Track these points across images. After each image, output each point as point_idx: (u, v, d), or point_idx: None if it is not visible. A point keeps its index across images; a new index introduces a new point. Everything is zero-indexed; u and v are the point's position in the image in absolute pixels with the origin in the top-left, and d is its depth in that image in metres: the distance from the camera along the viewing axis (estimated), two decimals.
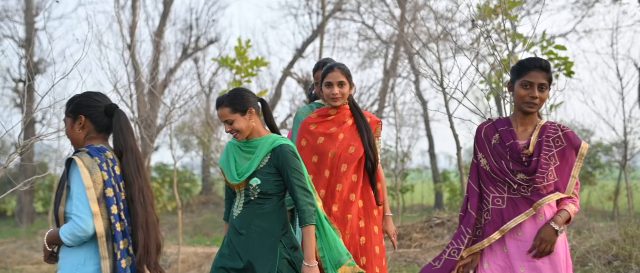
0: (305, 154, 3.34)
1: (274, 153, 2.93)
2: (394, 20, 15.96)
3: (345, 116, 3.41)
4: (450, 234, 7.10)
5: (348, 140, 3.35)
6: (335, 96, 3.33)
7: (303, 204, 2.86)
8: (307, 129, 3.41)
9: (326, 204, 3.27)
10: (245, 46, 7.22)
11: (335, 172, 3.29)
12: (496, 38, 6.65)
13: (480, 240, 2.85)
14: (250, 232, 2.93)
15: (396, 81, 16.88)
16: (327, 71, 3.33)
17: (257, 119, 2.99)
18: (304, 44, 17.52)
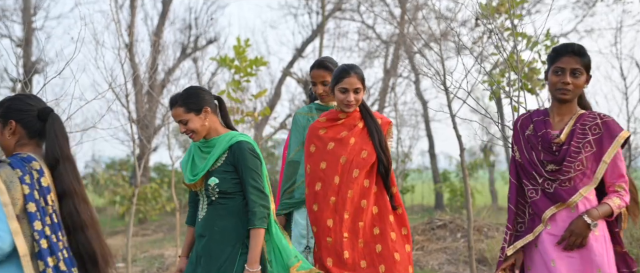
0: (314, 160, 3.21)
1: (231, 150, 2.84)
2: (394, 20, 15.87)
3: (355, 119, 3.25)
4: (452, 236, 7.00)
5: (359, 144, 3.19)
6: (349, 103, 3.16)
7: (254, 205, 2.77)
8: (316, 134, 3.25)
9: (337, 212, 3.11)
10: (244, 45, 7.10)
11: (346, 178, 3.13)
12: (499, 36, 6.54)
13: (523, 235, 2.76)
14: (213, 233, 2.83)
15: (396, 81, 16.79)
16: (343, 75, 3.13)
17: (214, 117, 2.90)
18: (303, 44, 17.42)
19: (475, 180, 18.74)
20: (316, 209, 3.15)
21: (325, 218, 3.11)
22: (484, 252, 5.97)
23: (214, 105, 2.93)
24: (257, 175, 2.81)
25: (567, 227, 2.63)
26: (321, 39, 16.72)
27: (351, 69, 3.16)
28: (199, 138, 2.88)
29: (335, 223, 3.10)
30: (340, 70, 3.17)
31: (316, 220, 3.15)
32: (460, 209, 13.61)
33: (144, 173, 16.53)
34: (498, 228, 7.24)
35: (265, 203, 2.80)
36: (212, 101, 2.91)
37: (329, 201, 3.11)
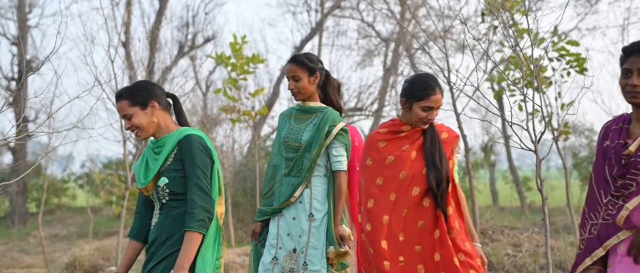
0: (369, 175, 2.94)
1: (179, 145, 2.60)
2: (393, 18, 15.69)
3: (418, 131, 2.96)
4: None
5: (421, 159, 2.90)
6: (430, 121, 2.90)
7: (194, 206, 2.49)
8: (375, 147, 2.97)
9: (391, 232, 2.83)
10: (241, 42, 6.90)
11: (403, 195, 2.85)
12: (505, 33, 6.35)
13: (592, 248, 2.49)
14: (162, 239, 2.59)
15: (397, 79, 16.61)
16: (429, 92, 2.84)
17: (165, 114, 2.68)
18: (302, 42, 17.21)
19: (475, 180, 18.52)
20: (370, 229, 2.88)
21: (379, 239, 2.83)
22: (489, 256, 5.75)
23: (166, 102, 2.71)
24: (203, 173, 2.56)
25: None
26: (320, 37, 16.55)
27: (437, 84, 2.88)
28: (145, 136, 2.66)
29: (390, 246, 2.82)
30: (425, 86, 2.86)
31: (370, 241, 2.86)
32: None
33: None
34: (503, 230, 7.03)
35: (207, 205, 2.53)
36: (162, 96, 2.69)
37: (381, 220, 2.84)
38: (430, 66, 5.10)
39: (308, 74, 3.20)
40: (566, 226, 7.91)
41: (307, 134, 3.20)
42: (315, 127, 3.19)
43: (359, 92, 17.17)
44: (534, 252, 5.98)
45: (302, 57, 3.24)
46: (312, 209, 3.17)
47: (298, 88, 3.21)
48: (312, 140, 3.18)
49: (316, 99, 3.30)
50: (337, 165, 3.19)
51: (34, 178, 17.23)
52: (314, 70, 3.21)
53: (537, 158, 3.53)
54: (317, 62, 3.26)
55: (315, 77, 3.22)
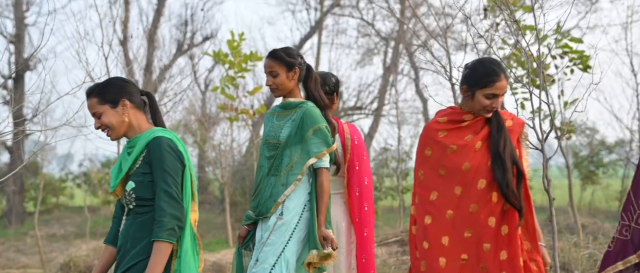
0: (430, 166, 2.74)
1: (148, 147, 2.42)
2: (393, 16, 15.60)
3: (482, 120, 2.75)
4: None
5: (486, 150, 2.69)
6: (493, 110, 2.67)
7: (162, 214, 2.32)
8: (433, 137, 2.77)
9: (455, 228, 2.64)
10: (239, 39, 6.79)
11: (469, 190, 2.64)
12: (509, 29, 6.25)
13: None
14: (127, 246, 2.43)
15: (397, 78, 16.52)
16: (494, 78, 2.63)
17: (137, 113, 2.52)
18: (301, 40, 17.13)
19: None
20: (429, 222, 2.69)
21: (439, 234, 2.65)
22: None
23: (140, 100, 2.55)
24: (172, 178, 2.37)
25: None
26: (319, 36, 16.47)
27: (501, 70, 2.66)
28: (116, 137, 2.51)
29: (452, 242, 2.64)
30: (489, 71, 2.64)
31: (428, 235, 2.67)
32: None
33: None
34: None
35: (176, 212, 2.35)
36: (135, 94, 2.53)
37: (445, 215, 2.65)
38: (432, 62, 4.99)
39: (286, 70, 3.03)
40: (569, 226, 7.79)
41: (286, 130, 3.05)
42: (293, 123, 3.04)
43: (358, 91, 17.10)
44: None
45: (279, 51, 3.07)
46: (284, 207, 2.99)
47: (276, 84, 3.04)
48: (290, 137, 3.03)
49: (297, 95, 3.14)
50: (319, 163, 3.00)
51: (31, 177, 17.12)
52: (292, 65, 3.04)
53: (544, 158, 3.39)
54: (296, 56, 3.09)
55: (294, 72, 3.05)
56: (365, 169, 3.32)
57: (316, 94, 3.14)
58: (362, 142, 3.37)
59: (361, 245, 3.25)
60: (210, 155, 11.93)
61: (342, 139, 3.30)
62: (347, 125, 3.37)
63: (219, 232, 11.24)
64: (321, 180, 3.00)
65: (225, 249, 7.85)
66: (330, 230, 2.98)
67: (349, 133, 3.33)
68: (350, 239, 3.28)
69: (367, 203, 3.28)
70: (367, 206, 3.28)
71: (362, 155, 3.33)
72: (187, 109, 16.13)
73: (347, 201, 3.29)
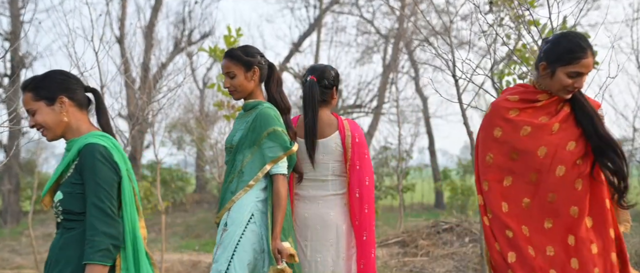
0: (499, 148, 2.46)
1: (80, 154, 2.14)
2: (393, 14, 15.47)
3: (559, 100, 2.48)
4: (459, 241, 6.51)
5: (565, 132, 2.44)
6: (575, 89, 2.40)
7: (94, 233, 2.04)
8: (503, 116, 2.48)
9: (533, 218, 2.40)
10: (236, 35, 6.61)
11: (546, 177, 2.39)
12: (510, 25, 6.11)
13: None
14: (51, 265, 2.16)
15: (397, 76, 16.39)
16: (580, 55, 2.34)
17: (78, 113, 2.24)
18: (300, 38, 16.99)
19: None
20: (506, 210, 2.44)
21: (519, 223, 2.41)
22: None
23: (82, 98, 2.26)
24: (105, 192, 2.09)
25: None
26: (318, 33, 16.35)
27: (588, 45, 2.39)
28: (52, 137, 2.25)
29: (532, 233, 2.40)
30: (574, 47, 2.37)
31: (509, 223, 2.42)
32: (463, 209, 13.17)
33: (136, 171, 16.09)
34: None
35: (110, 230, 2.06)
36: (77, 91, 2.24)
37: (521, 203, 2.41)
38: (437, 57, 4.83)
39: (244, 70, 2.82)
40: None
41: (239, 133, 2.85)
42: (247, 125, 2.83)
43: (358, 89, 16.96)
44: None
45: (236, 50, 2.85)
46: (228, 217, 2.76)
47: (234, 86, 2.83)
48: (242, 140, 2.82)
49: (258, 97, 2.91)
50: (275, 168, 2.76)
51: (27, 176, 16.96)
52: (250, 65, 2.82)
53: None
54: (255, 55, 2.87)
55: (253, 72, 2.83)
56: (366, 169, 3.14)
57: (277, 96, 2.94)
58: (364, 139, 3.20)
59: (360, 249, 3.08)
60: (209, 153, 11.77)
61: (341, 137, 3.11)
62: (347, 122, 3.19)
63: (216, 232, 11.09)
64: (277, 187, 2.76)
65: None
66: (288, 243, 2.73)
67: (350, 130, 3.14)
68: (351, 243, 3.11)
69: (367, 205, 3.10)
70: (368, 208, 3.10)
71: (364, 153, 3.14)
72: (185, 107, 16.00)
73: (348, 202, 3.12)
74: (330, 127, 3.13)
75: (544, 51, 2.47)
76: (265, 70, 2.91)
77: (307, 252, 3.08)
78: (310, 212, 3.10)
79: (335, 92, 3.21)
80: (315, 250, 3.08)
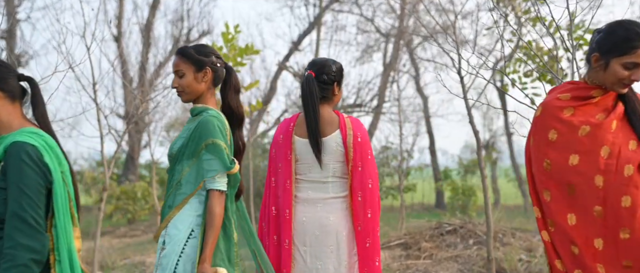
0: (558, 152, 2.23)
1: (5, 154, 1.89)
2: (393, 12, 15.31)
3: (611, 97, 2.28)
4: (463, 243, 6.34)
5: (624, 130, 2.23)
6: (632, 82, 2.20)
7: (13, 245, 1.78)
8: (557, 116, 2.25)
9: (608, 228, 2.13)
10: (234, 32, 6.44)
11: (615, 179, 2.15)
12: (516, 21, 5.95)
13: None
14: None
15: (398, 75, 16.23)
16: (638, 45, 2.15)
17: (10, 106, 2.00)
18: (300, 37, 16.81)
19: (477, 178, 18.21)
20: (574, 222, 2.19)
21: (591, 236, 2.15)
22: (501, 262, 5.31)
23: (15, 89, 2.00)
24: (29, 199, 1.82)
25: None
26: (318, 32, 16.17)
27: None
28: None
29: (607, 246, 2.14)
30: (631, 35, 2.16)
31: (575, 238, 2.18)
32: (464, 209, 13.01)
33: (133, 170, 15.91)
34: (514, 233, 6.57)
35: (32, 243, 1.81)
36: (8, 80, 1.98)
37: (592, 212, 2.16)
38: (441, 54, 4.66)
39: (194, 69, 2.53)
40: None
41: (179, 141, 2.56)
42: (189, 133, 2.52)
43: (358, 88, 16.80)
44: None
45: (188, 48, 2.58)
46: (166, 234, 2.47)
47: (181, 86, 2.54)
48: (181, 149, 2.52)
49: (208, 102, 2.59)
50: (210, 183, 2.45)
51: None
52: (201, 65, 2.53)
53: None
54: (209, 54, 2.59)
55: (205, 73, 2.54)
56: (370, 170, 2.92)
57: (232, 103, 2.63)
58: (367, 139, 2.98)
59: (363, 256, 2.88)
60: None
61: (343, 136, 2.91)
62: (349, 120, 2.98)
63: None
64: (212, 204, 2.43)
65: None
66: (224, 270, 2.41)
67: (352, 128, 2.93)
68: (353, 251, 2.91)
69: (371, 210, 2.89)
70: (371, 213, 2.90)
71: (366, 154, 2.93)
72: (184, 107, 15.83)
73: (349, 206, 2.92)
74: (331, 126, 2.94)
75: (596, 41, 2.26)
76: (221, 73, 2.62)
77: (306, 258, 2.90)
78: (308, 216, 2.91)
79: (338, 88, 3.01)
80: (315, 257, 2.90)
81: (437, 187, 17.54)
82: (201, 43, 2.69)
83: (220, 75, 2.61)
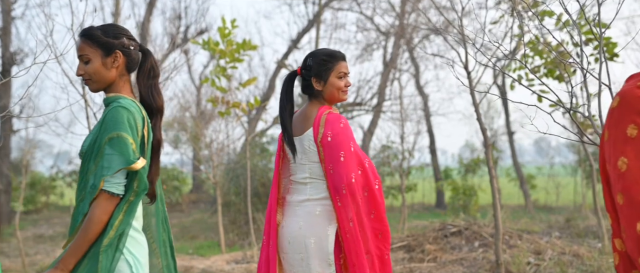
0: (638, 149, 1.92)
1: None
2: (393, 10, 15.13)
3: None
4: (468, 245, 6.13)
5: None
6: None
7: None
8: (638, 108, 1.94)
9: None
10: (230, 26, 6.23)
11: None
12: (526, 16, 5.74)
13: None
14: None
15: (400, 73, 16.05)
16: None
17: None
18: (299, 34, 16.62)
19: (478, 178, 18.03)
20: None
21: None
22: (508, 265, 5.11)
23: None
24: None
25: None
26: (317, 30, 15.99)
27: None
28: None
29: None
30: None
31: None
32: (465, 209, 12.82)
33: None
34: (521, 235, 6.36)
35: None
36: None
37: None
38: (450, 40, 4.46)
39: (102, 54, 2.19)
40: (587, 229, 7.25)
41: (90, 137, 2.19)
42: (99, 126, 2.17)
43: (358, 87, 16.62)
44: (559, 260, 5.31)
45: (94, 29, 2.24)
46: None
47: (88, 73, 2.20)
48: (90, 147, 2.16)
49: (122, 90, 2.26)
50: (104, 184, 2.08)
51: (19, 176, 16.59)
52: (110, 48, 2.20)
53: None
54: (120, 36, 2.24)
55: (115, 57, 2.21)
56: (341, 174, 2.59)
57: (146, 92, 2.28)
58: (339, 139, 2.64)
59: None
60: (203, 153, 11.42)
61: (314, 134, 2.68)
62: (325, 117, 2.69)
63: (212, 233, 10.76)
64: (92, 207, 2.06)
65: (217, 255, 7.30)
66: None
67: (324, 126, 2.65)
68: (325, 262, 2.62)
69: (353, 222, 2.58)
70: (355, 222, 2.58)
71: (338, 156, 2.61)
72: (182, 106, 15.64)
73: (329, 210, 2.65)
74: (306, 123, 2.72)
75: None
76: (135, 57, 2.28)
77: (284, 265, 2.71)
78: (287, 221, 2.71)
79: (317, 82, 2.75)
80: (291, 265, 2.69)
81: (437, 186, 17.36)
82: (111, 23, 2.33)
83: (134, 59, 2.28)
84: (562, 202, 17.43)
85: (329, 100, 2.77)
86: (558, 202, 17.38)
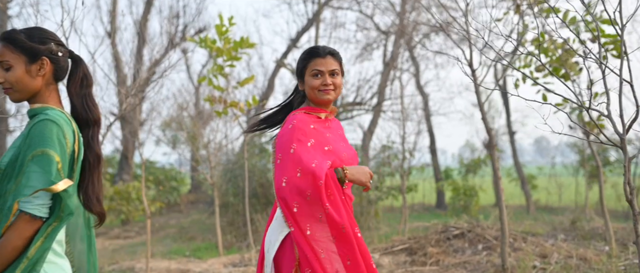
0: None
1: None
2: (393, 9, 14.98)
3: None
4: (472, 248, 5.98)
5: None
6: None
7: None
8: None
9: None
10: (228, 24, 6.08)
11: None
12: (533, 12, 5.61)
13: None
14: None
15: (400, 73, 15.89)
16: None
17: None
18: (298, 33, 16.46)
19: (479, 178, 17.87)
20: None
21: None
22: (514, 269, 4.95)
23: None
24: None
25: None
26: (317, 29, 15.87)
27: None
28: None
29: None
30: None
31: None
32: (465, 210, 12.67)
33: (128, 170, 15.55)
34: (525, 238, 6.20)
35: None
36: None
37: None
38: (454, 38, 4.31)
39: (26, 60, 1.97)
40: (593, 231, 7.08)
41: (10, 152, 1.96)
42: (22, 140, 1.95)
43: (358, 86, 16.46)
44: (566, 264, 5.15)
45: (17, 32, 2.00)
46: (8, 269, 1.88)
47: (9, 82, 1.98)
48: (11, 163, 1.93)
49: (49, 101, 2.04)
50: (22, 204, 1.86)
51: None
52: (35, 55, 1.99)
53: (625, 157, 2.54)
54: (46, 41, 2.02)
55: (41, 64, 1.99)
56: (275, 177, 2.42)
57: (79, 103, 2.07)
58: (282, 139, 2.46)
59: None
60: (201, 153, 11.27)
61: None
62: (288, 117, 2.55)
63: (210, 234, 10.61)
64: (8, 230, 1.85)
65: (214, 257, 7.14)
66: None
67: (281, 127, 2.53)
68: (268, 267, 2.45)
69: (292, 224, 2.35)
70: (294, 227, 2.35)
71: (276, 158, 2.45)
72: (180, 106, 15.47)
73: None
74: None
75: None
76: (64, 65, 2.07)
77: None
78: None
79: (299, 81, 2.60)
80: None
81: (438, 187, 17.21)
82: (37, 26, 2.13)
83: (63, 67, 2.06)
84: (564, 203, 17.28)
85: (312, 100, 2.58)
86: (560, 203, 17.23)
